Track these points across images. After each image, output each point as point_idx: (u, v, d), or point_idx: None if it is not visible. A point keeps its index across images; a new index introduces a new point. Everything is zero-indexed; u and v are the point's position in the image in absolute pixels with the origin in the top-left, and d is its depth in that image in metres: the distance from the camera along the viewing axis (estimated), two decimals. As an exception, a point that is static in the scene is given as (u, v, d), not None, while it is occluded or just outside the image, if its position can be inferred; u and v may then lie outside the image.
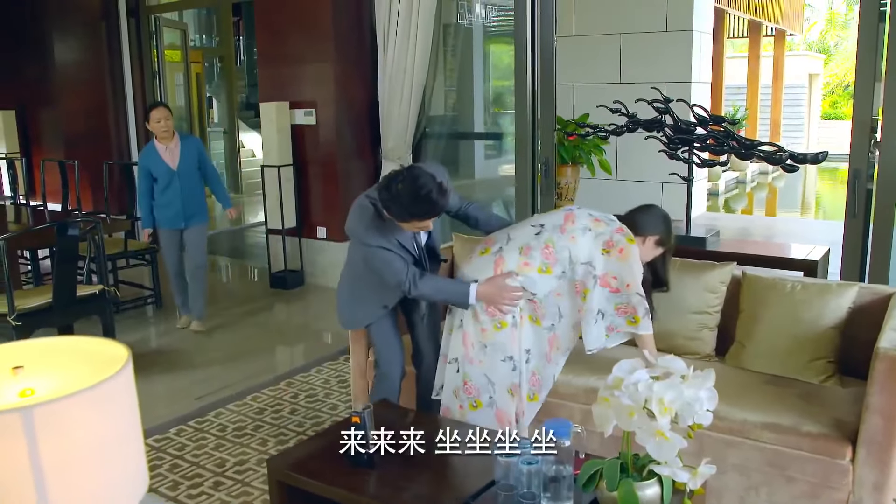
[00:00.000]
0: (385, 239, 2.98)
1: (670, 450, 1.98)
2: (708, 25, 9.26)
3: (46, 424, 1.06)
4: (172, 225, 5.17)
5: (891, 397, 2.47)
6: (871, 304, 3.11)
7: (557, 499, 2.26)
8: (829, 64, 24.32)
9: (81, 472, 1.10)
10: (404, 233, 3.02)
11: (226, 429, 3.85)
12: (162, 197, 5.12)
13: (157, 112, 5.09)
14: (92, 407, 1.11)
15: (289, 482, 2.57)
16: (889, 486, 2.51)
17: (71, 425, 1.08)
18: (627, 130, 4.22)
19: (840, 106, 22.81)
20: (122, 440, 1.17)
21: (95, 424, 1.11)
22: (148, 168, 5.12)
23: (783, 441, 2.67)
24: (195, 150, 5.24)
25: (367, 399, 3.40)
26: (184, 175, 5.14)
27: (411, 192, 2.80)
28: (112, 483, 1.15)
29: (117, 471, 1.16)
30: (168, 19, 8.42)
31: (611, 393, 2.08)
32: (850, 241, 4.46)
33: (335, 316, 3.43)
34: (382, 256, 2.99)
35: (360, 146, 6.49)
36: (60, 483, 1.08)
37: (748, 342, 3.25)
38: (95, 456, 1.12)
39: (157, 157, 5.11)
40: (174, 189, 5.11)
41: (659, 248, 3.13)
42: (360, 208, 3.05)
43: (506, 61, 8.04)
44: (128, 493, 1.19)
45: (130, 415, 1.19)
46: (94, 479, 1.12)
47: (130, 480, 1.19)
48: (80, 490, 1.10)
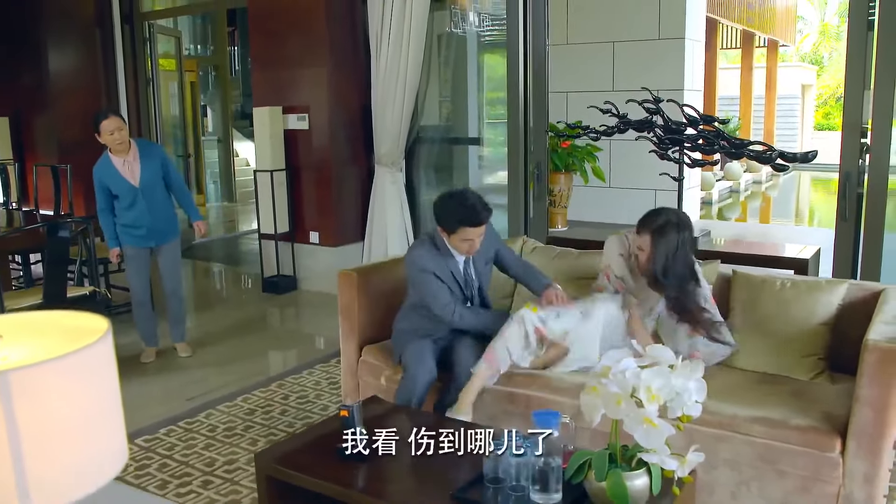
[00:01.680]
0: (436, 265, 3.26)
1: (658, 437, 1.98)
2: (700, 34, 9.31)
3: (23, 390, 1.04)
4: (140, 244, 4.59)
5: (881, 389, 2.46)
6: (861, 301, 3.11)
7: (546, 490, 2.24)
8: (822, 75, 24.46)
9: (59, 441, 1.09)
10: (457, 263, 3.31)
11: (216, 429, 3.83)
12: (125, 215, 4.51)
13: (108, 123, 4.35)
14: (70, 374, 1.09)
15: (277, 476, 2.56)
16: (879, 479, 2.51)
17: (48, 392, 1.07)
18: (618, 131, 4.23)
19: (833, 117, 22.91)
20: (101, 411, 1.16)
21: (73, 393, 1.10)
22: (105, 184, 4.46)
23: (773, 435, 2.67)
24: (158, 161, 4.58)
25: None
26: (148, 190, 4.51)
27: (459, 201, 3.17)
28: (90, 454, 1.14)
29: (96, 442, 1.15)
30: (162, 26, 8.44)
31: (598, 381, 2.08)
32: (841, 243, 4.48)
33: (327, 321, 3.47)
34: (429, 282, 3.26)
35: (354, 151, 6.50)
36: (37, 450, 1.06)
37: (738, 340, 3.24)
38: (73, 425, 1.11)
39: (115, 172, 4.45)
40: (139, 208, 4.49)
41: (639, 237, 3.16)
42: (418, 240, 3.50)
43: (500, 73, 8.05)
44: (106, 466, 1.17)
45: (110, 386, 1.18)
46: (72, 449, 1.11)
47: (110, 453, 1.18)
48: (57, 458, 1.09)
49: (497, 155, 8.27)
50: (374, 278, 3.69)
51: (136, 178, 4.48)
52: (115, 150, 4.44)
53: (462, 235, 3.17)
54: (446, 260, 3.28)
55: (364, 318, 3.66)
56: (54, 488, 1.09)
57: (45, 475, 1.08)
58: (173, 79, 9.69)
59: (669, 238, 3.08)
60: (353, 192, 6.55)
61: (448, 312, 3.25)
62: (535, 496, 2.25)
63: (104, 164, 4.48)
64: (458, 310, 3.27)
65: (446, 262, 3.28)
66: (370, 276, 3.69)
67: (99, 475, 1.16)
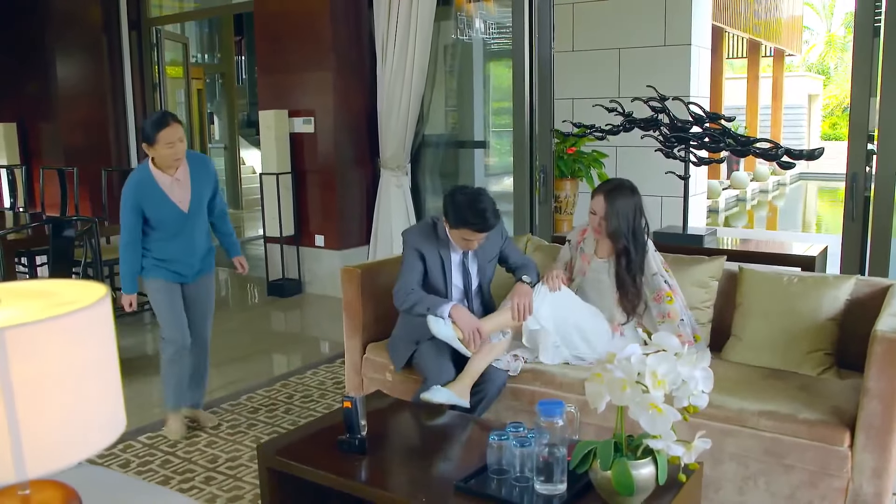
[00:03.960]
0: (427, 248, 3.25)
1: (664, 423, 1.95)
2: (706, 41, 9.29)
3: (19, 348, 1.03)
4: (174, 279, 3.60)
5: (889, 381, 2.43)
6: (869, 297, 3.08)
7: (550, 481, 2.22)
8: (829, 85, 24.44)
9: (54, 402, 1.08)
10: (451, 254, 3.28)
11: (219, 427, 3.81)
12: (164, 248, 3.52)
13: (170, 132, 3.34)
14: (67, 334, 1.08)
15: (280, 468, 2.53)
16: (889, 472, 2.47)
17: (45, 351, 1.06)
18: (624, 130, 4.22)
19: (840, 127, 22.87)
20: (98, 374, 1.14)
21: (70, 353, 1.09)
22: (141, 209, 3.42)
23: (781, 429, 2.63)
24: (211, 180, 3.63)
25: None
26: (196, 218, 3.56)
27: (471, 202, 3.09)
28: (86, 418, 1.13)
29: (92, 406, 1.13)
30: (170, 32, 8.47)
31: (603, 367, 2.05)
32: (849, 243, 4.45)
33: (332, 324, 3.43)
34: (408, 259, 3.26)
35: (359, 155, 6.50)
36: (32, 411, 1.05)
37: (745, 336, 3.22)
38: (69, 387, 1.09)
39: (161, 194, 3.43)
40: (184, 240, 3.54)
41: (593, 201, 3.30)
42: (422, 221, 3.44)
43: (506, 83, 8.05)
44: (102, 431, 1.16)
45: (107, 350, 1.17)
46: (68, 411, 1.09)
47: (106, 419, 1.17)
48: (52, 420, 1.08)
49: (503, 162, 8.28)
50: (378, 275, 3.67)
51: (186, 202, 3.49)
52: (165, 166, 3.43)
53: (463, 234, 3.17)
54: (440, 248, 3.28)
55: (368, 315, 3.64)
56: (49, 451, 1.08)
57: (41, 437, 1.07)
58: (180, 86, 9.73)
59: (621, 199, 3.22)
60: (358, 195, 6.55)
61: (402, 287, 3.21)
62: (539, 487, 2.22)
63: (145, 182, 3.43)
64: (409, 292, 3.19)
65: (439, 250, 3.28)
66: (374, 273, 3.67)
67: (94, 441, 1.14)
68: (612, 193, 3.24)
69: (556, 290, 3.21)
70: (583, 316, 3.24)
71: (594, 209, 3.26)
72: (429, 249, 3.27)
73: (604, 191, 3.27)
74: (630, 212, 3.21)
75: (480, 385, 3.12)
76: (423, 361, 3.20)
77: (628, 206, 3.22)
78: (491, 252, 3.38)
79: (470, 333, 3.08)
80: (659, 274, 3.23)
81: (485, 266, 3.40)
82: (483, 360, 3.12)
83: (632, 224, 3.21)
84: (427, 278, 3.30)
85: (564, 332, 3.21)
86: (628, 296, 3.24)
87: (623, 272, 3.23)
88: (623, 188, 3.27)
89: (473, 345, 3.09)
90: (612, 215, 3.20)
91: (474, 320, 3.13)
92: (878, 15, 4.29)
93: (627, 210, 3.21)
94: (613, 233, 3.22)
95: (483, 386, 3.11)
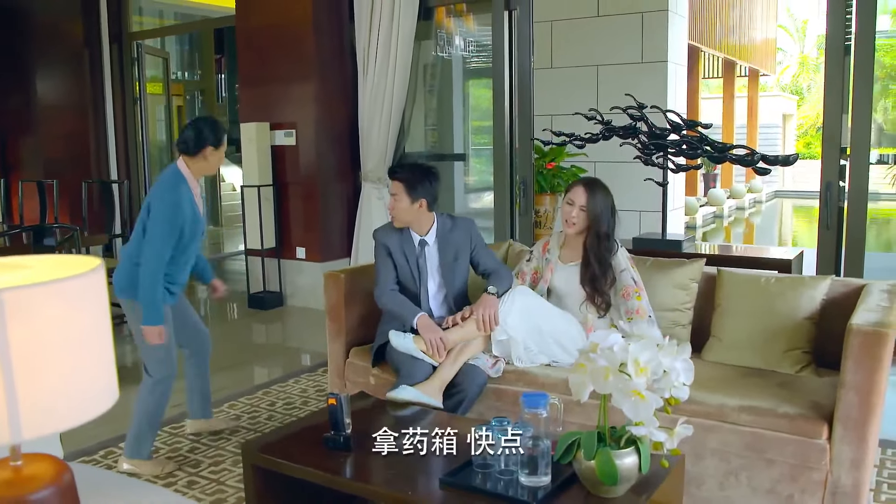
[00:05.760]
0: (392, 241, 3.41)
1: (646, 409, 1.98)
2: (683, 58, 9.44)
3: (16, 310, 1.05)
4: (173, 301, 3.37)
5: (865, 373, 2.48)
6: (844, 297, 3.15)
7: (535, 473, 2.23)
8: (803, 106, 24.84)
9: (51, 365, 1.09)
10: (412, 242, 3.41)
11: (201, 433, 3.79)
12: (182, 255, 3.28)
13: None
14: (63, 299, 1.10)
15: (265, 466, 2.53)
16: (866, 463, 2.52)
17: (41, 314, 1.07)
18: (603, 138, 4.28)
19: (814, 146, 23.21)
20: (92, 340, 1.16)
21: (65, 318, 1.10)
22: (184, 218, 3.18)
23: (761, 423, 2.68)
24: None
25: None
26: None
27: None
28: (80, 383, 1.14)
29: (86, 371, 1.15)
30: (150, 46, 8.48)
31: (586, 357, 2.08)
32: (824, 249, 4.55)
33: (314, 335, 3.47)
34: (378, 256, 3.44)
35: (340, 167, 6.53)
36: (29, 372, 1.06)
37: (724, 336, 3.27)
38: (64, 351, 1.11)
39: (194, 204, 3.26)
40: (197, 243, 3.37)
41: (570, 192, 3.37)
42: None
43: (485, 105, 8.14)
44: (97, 398, 1.17)
45: (100, 317, 1.18)
46: (64, 375, 1.11)
47: (100, 387, 1.18)
48: (48, 382, 1.09)
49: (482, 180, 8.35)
50: (361, 280, 3.68)
51: (202, 204, 3.37)
52: (200, 174, 3.30)
53: (390, 191, 3.39)
54: (403, 237, 3.41)
55: (351, 319, 3.66)
56: (45, 414, 1.09)
57: (37, 400, 1.08)
58: (160, 102, 9.72)
59: (601, 193, 3.32)
60: (339, 207, 6.57)
61: (377, 291, 3.40)
62: (524, 479, 2.24)
63: (184, 188, 3.20)
64: (385, 295, 3.37)
65: (402, 240, 3.41)
66: (357, 277, 3.69)
67: (88, 408, 1.16)
68: (591, 185, 3.33)
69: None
70: (555, 321, 3.28)
71: (572, 199, 3.32)
72: (393, 242, 3.41)
73: (583, 182, 3.36)
74: (607, 208, 3.31)
75: (460, 385, 3.14)
76: (398, 359, 3.24)
77: (606, 202, 3.32)
78: (454, 249, 3.43)
79: (433, 342, 3.15)
80: (627, 270, 3.29)
81: (450, 264, 3.43)
82: (451, 367, 3.16)
83: (607, 218, 3.31)
84: (398, 272, 3.41)
85: (539, 340, 3.24)
86: (596, 296, 3.30)
87: (592, 270, 3.29)
88: (601, 183, 3.38)
89: (438, 355, 3.14)
90: (592, 203, 3.28)
91: (438, 331, 3.20)
92: (848, 34, 4.42)
93: (606, 204, 3.31)
94: (597, 216, 3.29)
95: (463, 386, 3.13)
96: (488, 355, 3.24)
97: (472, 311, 3.24)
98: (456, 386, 3.14)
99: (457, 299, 3.48)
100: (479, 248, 3.48)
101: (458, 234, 3.42)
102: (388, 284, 3.38)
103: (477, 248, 3.47)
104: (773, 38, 20.09)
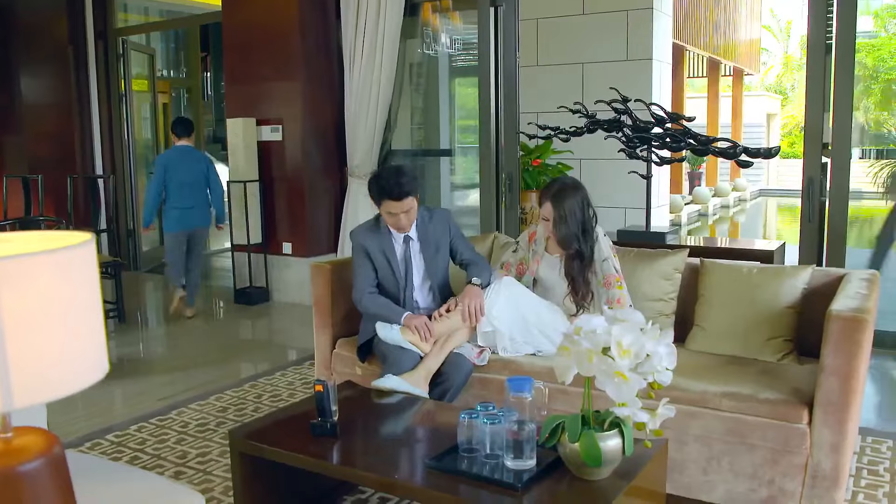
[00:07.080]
0: (370, 241, 3.40)
1: (629, 390, 2.01)
2: (667, 56, 9.51)
3: (8, 278, 1.06)
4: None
5: (845, 357, 2.52)
6: (825, 286, 3.19)
7: (520, 457, 2.26)
8: (787, 105, 25.02)
9: (43, 335, 1.11)
10: (392, 242, 3.41)
11: (188, 425, 3.79)
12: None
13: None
14: (55, 269, 1.11)
15: (252, 453, 2.55)
16: (845, 447, 2.56)
17: (33, 283, 1.09)
18: (588, 131, 4.32)
19: (798, 146, 23.38)
20: (83, 310, 1.17)
21: (57, 287, 1.12)
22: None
23: (742, 408, 2.71)
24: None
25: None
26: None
27: (388, 172, 3.28)
28: (72, 352, 1.15)
29: (77, 340, 1.16)
30: (136, 43, 8.45)
31: (570, 340, 2.11)
32: (806, 242, 4.61)
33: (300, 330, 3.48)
34: (356, 257, 3.44)
35: (327, 163, 6.53)
36: (21, 340, 1.08)
37: (707, 325, 3.31)
38: (56, 320, 1.12)
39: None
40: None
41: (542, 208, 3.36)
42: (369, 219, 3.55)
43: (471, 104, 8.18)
44: (87, 369, 1.19)
45: (92, 290, 1.20)
46: (55, 344, 1.12)
47: (91, 358, 1.20)
48: (40, 351, 1.10)
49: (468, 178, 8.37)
50: (347, 272, 3.69)
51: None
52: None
53: (386, 208, 3.30)
54: (382, 238, 3.40)
55: (337, 311, 3.68)
56: (37, 383, 1.11)
57: (28, 368, 1.09)
58: (146, 100, 9.68)
59: (568, 199, 3.30)
60: (325, 203, 6.57)
61: (356, 294, 3.40)
62: (509, 462, 2.27)
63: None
64: (365, 297, 3.38)
65: (381, 240, 3.40)
66: (343, 270, 3.71)
67: (79, 377, 1.17)
68: (557, 196, 3.31)
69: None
70: (540, 312, 3.31)
71: (545, 216, 3.35)
72: (372, 244, 3.39)
73: (549, 197, 3.34)
74: (578, 209, 3.30)
75: (446, 374, 3.17)
76: (384, 350, 3.26)
77: (575, 204, 3.30)
78: (434, 240, 3.45)
79: (419, 326, 3.18)
80: (609, 259, 3.32)
81: (432, 256, 3.46)
82: (437, 357, 3.19)
83: (580, 220, 3.30)
84: (378, 274, 3.41)
85: (524, 330, 3.27)
86: (578, 289, 3.33)
87: (573, 267, 3.33)
88: (566, 188, 3.34)
89: (424, 339, 3.17)
90: (560, 221, 3.28)
91: (424, 318, 3.24)
92: (829, 34, 4.49)
93: (575, 208, 3.29)
94: (563, 239, 3.32)
95: (449, 375, 3.16)
96: (473, 344, 3.27)
97: (458, 303, 3.27)
98: (442, 375, 3.16)
99: (441, 290, 3.50)
100: (456, 238, 3.51)
101: (436, 225, 3.45)
102: (367, 287, 3.39)
103: (455, 238, 3.51)
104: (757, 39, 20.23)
